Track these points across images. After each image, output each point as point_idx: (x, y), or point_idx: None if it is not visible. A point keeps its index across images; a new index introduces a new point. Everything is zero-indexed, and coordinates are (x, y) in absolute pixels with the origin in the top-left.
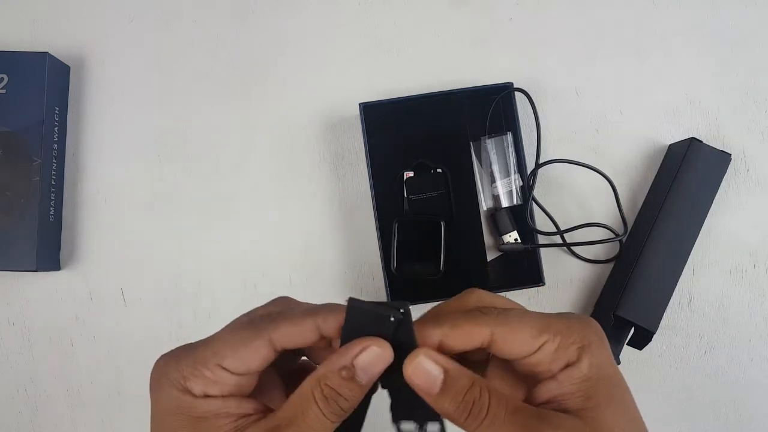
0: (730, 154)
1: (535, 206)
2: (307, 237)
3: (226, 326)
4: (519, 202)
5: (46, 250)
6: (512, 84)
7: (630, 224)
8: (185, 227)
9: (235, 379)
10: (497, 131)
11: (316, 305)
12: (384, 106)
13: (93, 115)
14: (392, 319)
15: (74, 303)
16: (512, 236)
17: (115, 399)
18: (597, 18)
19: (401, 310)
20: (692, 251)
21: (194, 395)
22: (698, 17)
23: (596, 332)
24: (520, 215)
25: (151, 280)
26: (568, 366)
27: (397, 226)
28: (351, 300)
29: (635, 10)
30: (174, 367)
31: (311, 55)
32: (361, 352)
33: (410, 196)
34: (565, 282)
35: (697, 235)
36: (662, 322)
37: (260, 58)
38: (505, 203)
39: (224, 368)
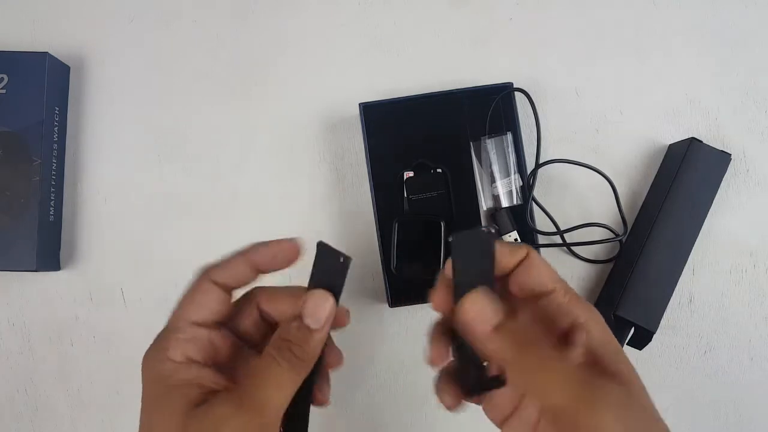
0: (730, 154)
1: (535, 206)
2: (307, 237)
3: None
4: (519, 202)
5: (46, 250)
6: (512, 84)
7: (630, 224)
8: (185, 227)
9: (206, 332)
10: (497, 131)
11: (246, 245)
12: (384, 106)
13: (93, 115)
14: (341, 260)
15: (74, 303)
16: (512, 236)
17: (115, 399)
18: (597, 18)
19: (348, 257)
20: (692, 251)
21: (175, 361)
22: (698, 17)
23: (598, 312)
24: (520, 215)
25: (151, 280)
26: (576, 329)
27: (397, 226)
28: (319, 243)
29: (635, 10)
30: (155, 345)
31: (311, 55)
32: (305, 299)
33: (410, 196)
34: None
35: (697, 235)
36: (662, 322)
37: (260, 58)
38: (505, 203)
39: (193, 322)
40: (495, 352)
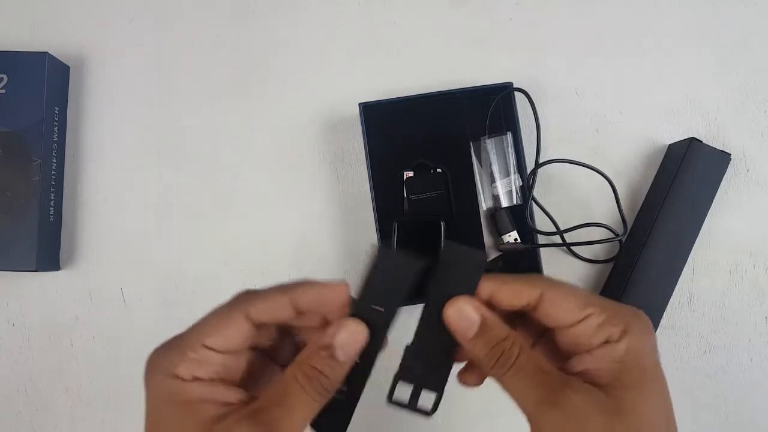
0: (730, 154)
1: (534, 206)
2: (306, 237)
3: (208, 312)
4: (519, 202)
5: (46, 250)
6: (512, 84)
7: (630, 224)
8: (185, 227)
9: (220, 357)
10: (497, 131)
11: (291, 282)
12: (384, 106)
13: (93, 115)
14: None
15: (74, 303)
16: (512, 236)
17: (115, 399)
18: (597, 18)
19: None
20: (692, 251)
21: (183, 379)
22: (698, 17)
23: (644, 324)
24: (520, 215)
25: (151, 280)
26: (606, 343)
27: (396, 226)
28: (383, 249)
29: (635, 10)
30: (164, 356)
31: (311, 55)
32: (338, 330)
33: (410, 196)
34: None
35: (697, 235)
36: (662, 322)
37: (260, 58)
38: (504, 203)
39: (209, 347)
40: (475, 357)
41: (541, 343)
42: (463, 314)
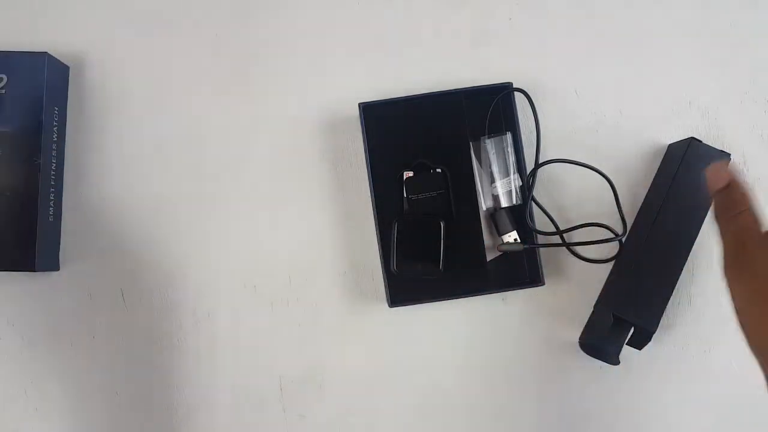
0: (730, 154)
1: (534, 206)
2: (306, 237)
3: None
4: (518, 202)
5: (46, 250)
6: (512, 84)
7: (630, 224)
8: (185, 228)
9: None
10: (497, 131)
11: None
12: (384, 106)
13: (93, 115)
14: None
15: (74, 303)
16: (512, 236)
17: (115, 399)
18: (597, 18)
19: None
20: (692, 251)
21: None
22: (699, 17)
23: None
24: (520, 215)
25: (151, 280)
26: None
27: (396, 226)
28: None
29: (635, 10)
30: None
31: (311, 55)
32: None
33: (410, 196)
34: (564, 282)
35: (697, 235)
36: (662, 322)
37: (260, 58)
38: (504, 203)
39: None
40: (714, 207)
41: None
42: (718, 170)
